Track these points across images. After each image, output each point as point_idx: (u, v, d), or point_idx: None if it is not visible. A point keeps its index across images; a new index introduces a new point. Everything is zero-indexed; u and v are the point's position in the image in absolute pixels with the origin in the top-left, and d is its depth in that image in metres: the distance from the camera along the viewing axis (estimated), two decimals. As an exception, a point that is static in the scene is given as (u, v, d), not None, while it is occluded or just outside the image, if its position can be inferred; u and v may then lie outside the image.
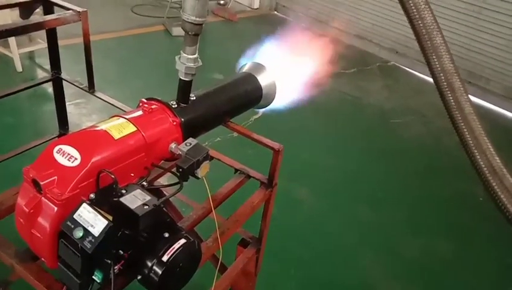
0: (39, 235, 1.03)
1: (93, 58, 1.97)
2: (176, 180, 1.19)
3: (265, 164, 1.73)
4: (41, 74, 4.24)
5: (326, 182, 3.32)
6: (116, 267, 1.01)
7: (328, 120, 4.22)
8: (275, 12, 7.04)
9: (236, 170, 1.69)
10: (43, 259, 1.10)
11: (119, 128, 1.13)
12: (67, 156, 1.03)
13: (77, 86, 2.02)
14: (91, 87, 2.00)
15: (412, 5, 0.97)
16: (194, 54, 1.26)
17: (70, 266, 1.00)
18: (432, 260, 2.77)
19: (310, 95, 1.87)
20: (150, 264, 1.04)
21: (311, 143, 3.75)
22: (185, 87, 1.31)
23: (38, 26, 1.64)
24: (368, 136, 4.03)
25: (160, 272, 1.03)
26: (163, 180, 1.63)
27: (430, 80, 3.79)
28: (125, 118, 1.17)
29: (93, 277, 1.00)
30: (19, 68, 4.03)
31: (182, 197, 1.97)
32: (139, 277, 1.06)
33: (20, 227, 1.07)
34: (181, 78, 1.30)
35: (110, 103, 1.93)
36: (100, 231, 0.93)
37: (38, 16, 3.69)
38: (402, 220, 3.05)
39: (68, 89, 2.28)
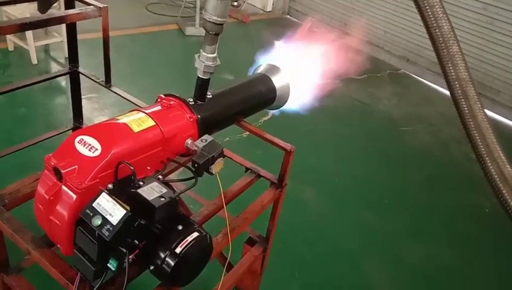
0: (57, 222, 1.06)
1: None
2: (189, 175, 1.22)
3: (273, 164, 1.75)
4: (55, 67, 4.30)
5: (333, 186, 3.33)
6: (130, 256, 1.04)
7: (337, 125, 4.24)
8: (288, 16, 7.07)
9: (246, 169, 1.72)
10: (59, 246, 1.13)
11: (139, 122, 1.16)
12: (88, 146, 1.06)
13: (94, 80, 2.06)
14: (108, 82, 2.04)
15: (430, 14, 0.99)
16: (214, 53, 1.29)
17: (86, 254, 1.03)
18: (435, 268, 2.77)
19: (319, 99, 1.90)
20: (163, 255, 1.07)
21: (319, 147, 3.77)
22: (202, 85, 1.34)
23: (60, 20, 1.68)
24: (375, 142, 4.05)
25: (172, 263, 1.06)
26: (173, 176, 1.66)
27: (440, 89, 3.80)
28: (145, 113, 1.20)
29: (108, 264, 1.03)
30: (34, 61, 4.09)
31: (191, 193, 2.00)
32: (151, 267, 1.09)
33: (39, 213, 1.10)
34: (199, 76, 1.32)
35: (126, 98, 1.97)
36: (118, 219, 0.96)
37: (55, 10, 3.75)
38: (406, 227, 3.06)
39: (82, 83, 2.32)
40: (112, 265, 1.02)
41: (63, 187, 1.04)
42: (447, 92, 3.91)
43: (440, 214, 3.26)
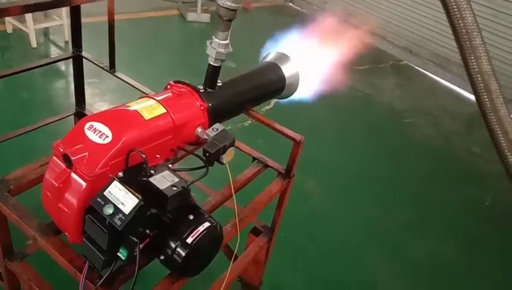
0: (66, 209, 1.03)
1: (104, 39, 1.94)
2: (193, 164, 1.20)
3: (274, 154, 1.73)
4: (55, 51, 4.23)
5: (334, 178, 3.32)
6: (140, 245, 1.02)
7: (338, 115, 4.21)
8: (290, 4, 6.99)
9: (253, 159, 1.70)
10: (66, 233, 1.11)
11: (150, 109, 1.13)
12: (98, 133, 1.04)
13: (98, 65, 2.02)
14: (112, 67, 2.00)
15: (453, 4, 0.96)
16: (226, 40, 1.26)
17: (95, 242, 1.01)
18: (437, 262, 2.78)
19: (321, 89, 1.87)
20: (173, 245, 1.05)
21: (321, 138, 3.74)
22: (213, 73, 1.31)
23: (65, 2, 1.63)
24: (378, 134, 4.03)
25: (183, 253, 1.04)
26: (179, 165, 1.63)
27: (442, 81, 3.76)
28: (156, 100, 1.17)
29: (118, 254, 1.01)
30: (34, 44, 4.02)
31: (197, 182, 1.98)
32: (161, 257, 1.07)
33: (47, 201, 1.08)
34: (210, 63, 1.29)
35: (130, 84, 1.94)
36: (131, 209, 0.94)
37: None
38: (408, 221, 3.05)
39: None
40: (122, 254, 1.00)
41: (73, 174, 1.02)
42: (449, 84, 3.91)
43: (442, 208, 3.26)
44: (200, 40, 1.30)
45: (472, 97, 3.90)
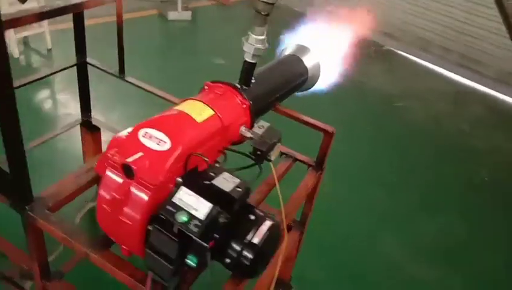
0: (128, 222, 1.00)
1: (94, 43, 1.83)
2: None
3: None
4: (38, 60, 4.08)
5: (340, 167, 3.32)
6: (208, 250, 0.99)
7: (336, 105, 4.21)
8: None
9: (281, 154, 1.69)
10: (123, 246, 1.08)
11: (199, 111, 1.11)
12: (155, 140, 1.00)
13: (106, 72, 1.96)
14: (121, 72, 1.95)
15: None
16: (263, 35, 1.23)
17: (160, 252, 0.98)
18: (449, 239, 2.84)
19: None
20: (239, 247, 1.03)
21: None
22: (249, 70, 1.28)
23: (76, 8, 1.57)
24: (373, 119, 4.07)
25: (251, 256, 1.02)
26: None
27: (426, 64, 3.81)
28: (202, 101, 1.15)
29: (187, 261, 0.98)
30: (16, 54, 3.86)
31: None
32: (227, 260, 1.05)
33: (103, 215, 1.04)
34: (247, 59, 1.26)
35: (144, 89, 1.89)
36: (205, 214, 0.91)
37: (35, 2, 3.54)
38: (416, 202, 3.10)
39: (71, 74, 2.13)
40: (191, 261, 0.97)
41: (134, 184, 0.98)
42: (431, 65, 3.99)
43: (445, 186, 3.33)
44: (182, 38, 1.25)
45: (453, 76, 3.98)
